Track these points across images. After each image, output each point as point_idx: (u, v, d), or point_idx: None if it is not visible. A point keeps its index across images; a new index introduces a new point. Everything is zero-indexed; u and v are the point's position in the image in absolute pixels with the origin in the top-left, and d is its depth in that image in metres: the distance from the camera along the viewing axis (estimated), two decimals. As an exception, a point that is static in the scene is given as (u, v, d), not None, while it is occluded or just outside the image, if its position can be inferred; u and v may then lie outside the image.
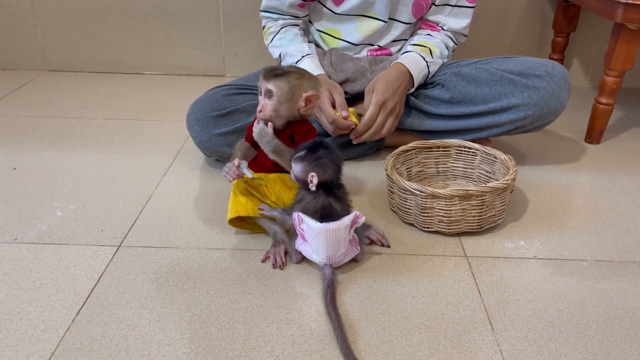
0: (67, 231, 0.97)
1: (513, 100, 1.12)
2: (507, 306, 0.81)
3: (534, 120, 1.13)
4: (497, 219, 0.99)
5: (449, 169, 1.15)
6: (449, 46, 1.26)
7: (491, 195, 0.93)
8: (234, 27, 1.77)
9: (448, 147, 1.13)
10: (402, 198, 0.98)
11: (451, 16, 1.23)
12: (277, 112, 0.91)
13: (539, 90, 1.11)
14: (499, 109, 1.13)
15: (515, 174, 0.97)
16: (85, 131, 1.39)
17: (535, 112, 1.11)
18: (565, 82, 1.13)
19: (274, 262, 0.89)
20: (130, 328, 0.75)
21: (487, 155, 1.08)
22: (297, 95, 0.90)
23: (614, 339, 0.75)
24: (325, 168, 0.85)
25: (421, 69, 1.18)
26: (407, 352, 0.72)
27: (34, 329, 0.75)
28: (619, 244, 0.97)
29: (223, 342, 0.73)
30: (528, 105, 1.11)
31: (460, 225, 0.96)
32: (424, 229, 0.98)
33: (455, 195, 0.92)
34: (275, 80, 0.89)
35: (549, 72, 1.12)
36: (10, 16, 1.78)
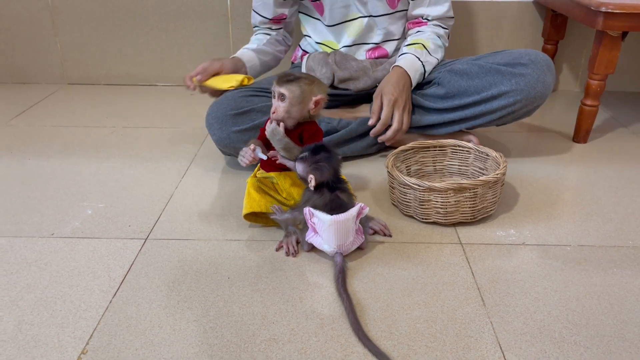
0: (98, 227, 1.07)
1: (502, 88, 1.22)
2: (497, 285, 0.90)
3: (523, 105, 1.22)
4: (489, 210, 1.08)
5: (445, 167, 1.24)
6: (441, 34, 1.36)
7: (483, 188, 1.03)
8: (243, 40, 1.88)
9: (444, 146, 1.22)
10: (402, 192, 1.08)
11: (431, 5, 1.34)
12: (288, 113, 1.01)
13: (524, 77, 1.21)
14: (490, 97, 1.23)
15: (505, 168, 1.06)
16: (107, 139, 1.50)
17: (523, 96, 1.21)
18: (549, 67, 1.23)
19: (287, 250, 0.99)
20: (161, 307, 0.85)
21: (480, 153, 1.18)
22: (307, 99, 1.00)
23: (593, 311, 0.84)
24: (323, 171, 0.94)
25: (417, 68, 1.29)
26: (408, 324, 0.81)
27: (76, 309, 0.84)
28: (600, 231, 1.06)
29: (244, 317, 0.83)
30: (516, 91, 1.21)
31: (455, 216, 1.05)
32: (423, 220, 1.08)
33: (449, 188, 1.01)
34: (287, 85, 0.99)
35: (533, 59, 1.22)
36: (31, 32, 1.89)
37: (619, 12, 1.26)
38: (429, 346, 0.77)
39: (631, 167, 1.33)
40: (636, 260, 0.97)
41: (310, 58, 1.38)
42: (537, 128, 1.58)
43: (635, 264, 0.96)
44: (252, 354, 0.76)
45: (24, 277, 0.92)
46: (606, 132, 1.54)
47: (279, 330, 0.80)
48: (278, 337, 0.79)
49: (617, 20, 1.27)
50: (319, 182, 0.94)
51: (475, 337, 0.79)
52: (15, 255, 0.97)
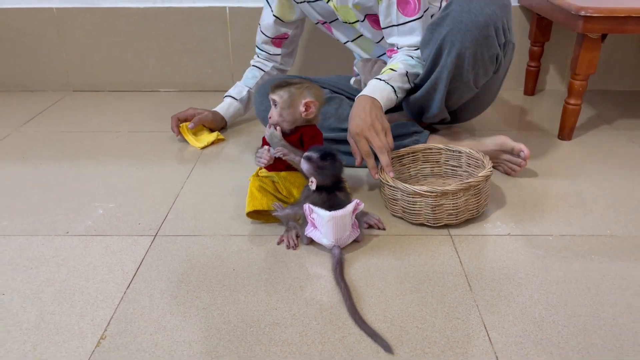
0: (110, 225, 1.14)
1: (440, 36, 1.16)
2: (483, 272, 0.97)
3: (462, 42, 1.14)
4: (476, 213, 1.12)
5: (419, 171, 1.28)
6: (414, 55, 1.28)
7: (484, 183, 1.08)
8: (240, 47, 1.95)
9: (416, 151, 1.25)
10: (410, 202, 1.10)
11: (402, 35, 1.28)
12: (281, 117, 1.08)
13: (449, 15, 1.15)
14: (438, 52, 1.18)
15: (490, 171, 1.10)
16: (113, 143, 1.57)
17: (456, 33, 1.14)
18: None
19: (288, 244, 1.05)
20: (171, 297, 0.91)
21: (453, 153, 1.23)
22: (297, 102, 1.07)
23: (571, 294, 0.91)
24: (325, 177, 1.01)
25: (381, 88, 1.21)
26: (400, 308, 0.88)
27: (94, 300, 0.91)
28: (581, 222, 1.13)
29: (249, 304, 0.89)
30: (449, 33, 1.15)
31: (465, 214, 1.10)
32: (433, 225, 1.11)
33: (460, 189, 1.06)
34: (277, 91, 1.07)
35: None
36: (37, 42, 1.96)
37: (598, 15, 1.33)
38: (419, 327, 0.84)
39: (613, 162, 1.40)
40: (613, 248, 1.04)
41: (358, 64, 1.45)
42: (524, 126, 1.66)
43: (613, 251, 1.03)
44: (257, 337, 0.82)
45: (43, 272, 0.98)
46: (590, 130, 1.62)
47: (281, 316, 0.87)
48: (281, 321, 0.86)
49: (596, 23, 1.35)
50: (318, 185, 1.02)
51: (462, 319, 0.86)
52: (33, 252, 1.04)
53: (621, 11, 1.33)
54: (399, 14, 1.25)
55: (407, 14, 1.24)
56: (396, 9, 1.24)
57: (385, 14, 1.26)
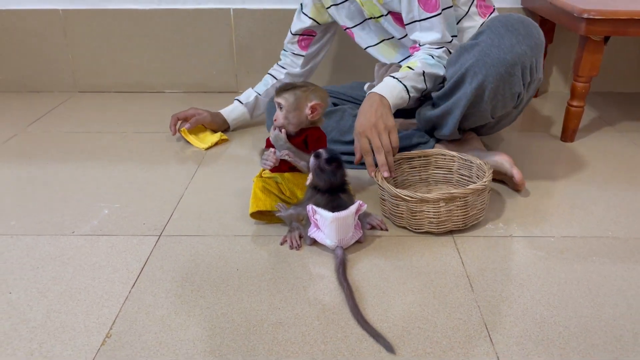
0: (115, 225, 1.15)
1: (465, 64, 1.15)
2: (485, 273, 0.98)
3: (485, 76, 1.13)
4: (479, 217, 1.11)
5: (430, 175, 1.27)
6: (436, 54, 1.27)
7: (472, 196, 1.06)
8: (244, 48, 1.97)
9: (428, 156, 1.25)
10: (393, 204, 1.12)
11: (424, 30, 1.27)
12: (287, 119, 1.09)
13: (479, 45, 1.14)
14: (461, 78, 1.17)
15: (490, 177, 1.09)
16: (119, 143, 1.58)
17: (481, 66, 1.13)
18: (508, 28, 1.11)
19: (291, 244, 1.06)
20: (176, 296, 0.93)
21: (465, 162, 1.21)
22: (302, 105, 1.08)
23: (572, 295, 0.92)
24: (320, 180, 1.03)
25: (393, 86, 1.21)
26: (402, 308, 0.89)
27: (99, 298, 0.92)
28: (582, 223, 1.14)
29: (252, 304, 0.90)
30: (474, 63, 1.13)
31: (447, 225, 1.09)
32: (415, 230, 1.11)
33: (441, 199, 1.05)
34: (283, 94, 1.08)
35: (489, 25, 1.14)
36: (44, 43, 1.98)
37: (600, 18, 1.34)
38: (421, 327, 0.85)
39: (615, 164, 1.40)
40: (614, 249, 1.04)
41: (375, 67, 1.45)
42: (527, 128, 1.66)
43: (614, 253, 1.03)
44: (260, 336, 0.83)
45: (49, 271, 1.00)
46: (593, 131, 1.62)
47: (284, 315, 0.88)
48: (283, 321, 0.87)
49: (598, 25, 1.35)
50: (312, 185, 1.03)
51: (464, 319, 0.87)
52: (40, 251, 1.06)
53: (624, 14, 1.34)
54: (420, 9, 1.25)
55: (428, 9, 1.24)
56: (417, 4, 1.24)
57: (407, 9, 1.26)
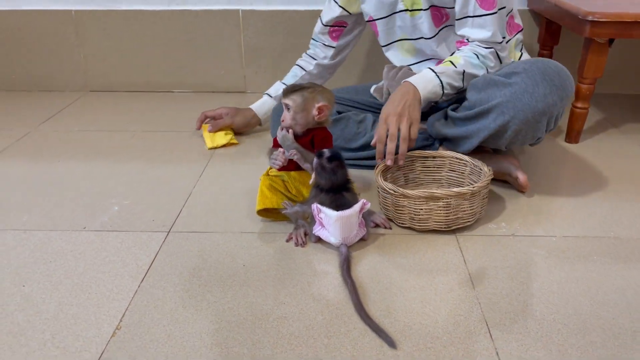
0: (125, 221, 1.18)
1: (493, 101, 1.15)
2: (486, 271, 1.00)
3: (511, 117, 1.13)
4: (465, 222, 1.11)
5: (443, 177, 1.28)
6: (482, 54, 1.25)
7: (457, 199, 1.07)
8: (253, 49, 1.99)
9: (443, 157, 1.26)
10: (382, 196, 1.15)
11: (475, 27, 1.25)
12: (294, 120, 1.11)
13: (512, 87, 1.13)
14: (485, 111, 1.17)
15: (486, 182, 1.11)
16: (129, 142, 1.61)
17: (509, 108, 1.12)
18: (545, 77, 1.11)
19: (296, 241, 1.09)
20: (184, 291, 0.95)
21: (475, 167, 1.21)
22: (310, 106, 1.10)
23: (572, 293, 0.93)
24: (321, 178, 1.05)
25: (429, 80, 1.21)
26: (404, 305, 0.91)
27: (109, 292, 0.95)
28: (585, 224, 1.15)
29: (258, 299, 0.93)
30: (504, 103, 1.13)
31: (429, 223, 1.10)
32: (399, 225, 1.14)
33: (421, 197, 1.07)
34: (290, 95, 1.10)
35: (527, 68, 1.13)
36: (56, 44, 2.01)
37: (605, 20, 1.35)
38: (422, 323, 0.87)
39: (619, 165, 1.42)
40: (616, 249, 1.06)
41: (385, 69, 1.44)
42: (532, 129, 1.67)
43: (615, 253, 1.05)
44: (265, 330, 0.86)
45: (61, 265, 1.02)
46: (597, 133, 1.63)
47: (289, 310, 0.90)
48: (288, 315, 0.89)
49: (603, 28, 1.37)
50: (315, 184, 1.06)
51: (465, 316, 0.88)
52: (52, 246, 1.08)
53: (628, 16, 1.35)
54: (476, 6, 1.24)
55: (484, 6, 1.23)
56: (475, 0, 1.24)
57: (462, 3, 1.25)
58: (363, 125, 1.37)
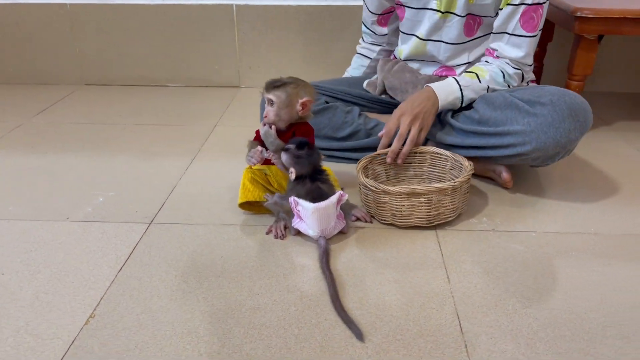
0: (108, 212, 1.18)
1: (515, 126, 1.13)
2: (463, 265, 1.00)
3: (533, 148, 1.12)
4: (447, 217, 1.11)
5: (425, 172, 1.28)
6: (508, 72, 1.25)
7: (438, 195, 1.07)
8: (247, 44, 2.00)
9: (424, 153, 1.26)
10: (364, 194, 1.17)
11: (509, 45, 1.23)
12: (278, 116, 1.11)
13: (537, 118, 1.11)
14: (504, 132, 1.15)
15: (467, 177, 1.11)
16: (119, 135, 1.62)
17: (532, 139, 1.12)
18: (571, 112, 1.10)
19: (276, 234, 1.09)
20: (160, 281, 0.96)
21: (455, 162, 1.21)
22: (294, 102, 1.10)
23: (547, 288, 0.93)
24: (302, 166, 1.05)
25: (452, 92, 1.23)
26: (377, 297, 0.91)
27: (86, 281, 0.96)
28: (567, 219, 1.15)
29: (233, 290, 0.93)
30: (526, 132, 1.12)
31: (411, 219, 1.10)
32: (381, 222, 1.14)
33: (403, 193, 1.07)
34: (274, 91, 1.09)
35: (554, 100, 1.10)
36: (52, 38, 2.03)
37: (594, 16, 1.34)
38: (394, 315, 0.87)
39: (607, 162, 1.41)
40: (595, 245, 1.05)
41: (380, 62, 1.45)
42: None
43: (593, 248, 1.04)
44: (238, 320, 0.86)
45: (41, 254, 1.03)
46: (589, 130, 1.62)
47: (262, 301, 0.91)
48: (261, 306, 0.89)
49: (591, 24, 1.36)
50: (298, 175, 1.05)
51: (437, 309, 0.88)
52: (34, 236, 1.09)
53: (617, 12, 1.34)
54: (517, 25, 1.21)
55: (526, 28, 1.21)
56: (518, 19, 1.20)
57: (503, 19, 1.22)
58: (350, 116, 1.37)
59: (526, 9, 1.19)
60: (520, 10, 1.20)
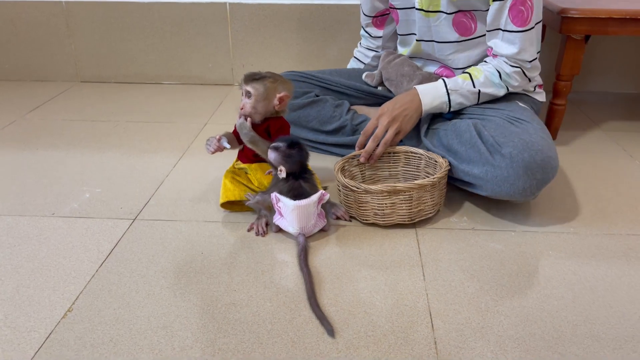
0: (94, 208, 1.20)
1: (474, 170, 1.12)
2: (439, 263, 1.01)
3: (488, 193, 1.12)
4: (428, 213, 1.12)
5: (399, 172, 1.28)
6: (505, 71, 1.22)
7: (418, 191, 1.08)
8: (240, 42, 2.01)
9: (397, 152, 1.26)
10: (344, 194, 1.18)
11: (504, 41, 1.20)
12: (255, 109, 1.12)
13: (494, 169, 1.09)
14: (464, 171, 1.14)
15: (444, 172, 1.12)
16: (111, 132, 1.64)
17: (488, 188, 1.11)
18: (527, 171, 1.06)
19: (257, 231, 1.10)
20: (140, 276, 0.97)
21: (429, 160, 1.21)
22: (272, 96, 1.11)
23: (521, 286, 0.94)
24: (292, 164, 1.06)
25: (438, 95, 1.21)
26: (352, 294, 0.92)
27: (67, 276, 0.97)
28: (547, 219, 1.15)
29: (211, 286, 0.95)
30: (483, 179, 1.11)
31: (393, 218, 1.11)
32: (363, 222, 1.15)
33: (384, 191, 1.07)
34: (253, 83, 1.10)
35: (513, 155, 1.06)
36: (47, 34, 2.05)
37: (579, 16, 1.35)
38: (367, 312, 0.88)
39: (593, 162, 1.41)
40: (573, 245, 1.06)
41: (383, 53, 1.44)
42: (512, 125, 1.67)
43: (570, 248, 1.05)
44: (213, 315, 0.88)
45: (25, 249, 1.05)
46: (577, 130, 1.63)
47: (238, 297, 0.92)
48: (237, 302, 0.91)
49: (577, 24, 1.36)
50: (288, 172, 1.06)
51: (410, 306, 0.89)
52: (19, 231, 1.11)
53: (603, 12, 1.35)
54: (507, 20, 1.18)
55: (516, 22, 1.17)
56: (507, 14, 1.17)
57: (494, 16, 1.19)
58: (339, 110, 1.38)
59: (514, 3, 1.15)
60: (508, 5, 1.16)
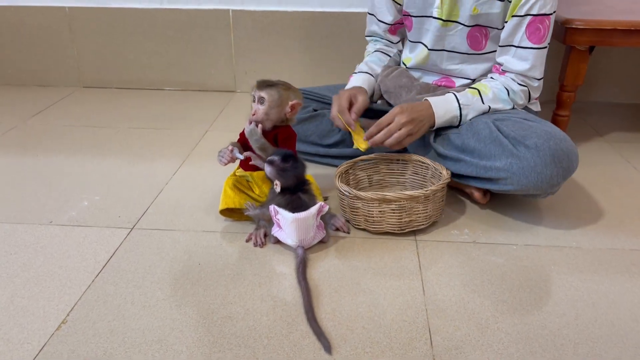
0: (92, 216, 1.19)
1: (497, 164, 1.10)
2: (440, 278, 0.99)
3: (514, 188, 1.10)
4: (419, 225, 1.11)
5: (407, 180, 1.28)
6: (513, 89, 1.22)
7: (409, 202, 1.07)
8: (243, 49, 2.00)
9: (407, 160, 1.26)
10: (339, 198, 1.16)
11: (516, 58, 1.20)
12: (267, 115, 1.11)
13: (520, 161, 1.08)
14: (486, 167, 1.13)
15: (441, 185, 1.10)
16: (112, 138, 1.63)
17: (514, 181, 1.09)
18: (554, 159, 1.06)
19: (255, 241, 1.09)
20: (135, 287, 0.96)
21: (436, 171, 1.20)
22: (285, 103, 1.11)
23: (522, 302, 0.93)
24: (287, 179, 1.05)
25: (450, 109, 1.19)
26: (350, 308, 0.91)
27: (62, 286, 0.96)
28: (549, 233, 1.13)
29: (207, 298, 0.93)
30: (508, 172, 1.09)
31: (382, 225, 1.10)
32: (354, 226, 1.15)
33: (375, 199, 1.07)
34: (267, 89, 1.09)
35: (539, 145, 1.07)
36: (50, 40, 2.05)
37: (584, 27, 1.33)
38: (365, 327, 0.87)
39: (596, 174, 1.40)
40: (575, 260, 1.04)
41: (383, 67, 1.42)
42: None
43: (573, 263, 1.03)
44: (209, 328, 0.86)
45: (21, 258, 1.04)
46: (580, 141, 1.61)
47: (235, 310, 0.91)
48: (233, 315, 0.89)
49: (582, 35, 1.35)
50: (283, 187, 1.05)
51: (409, 321, 0.88)
52: (16, 239, 1.10)
53: (608, 24, 1.33)
54: (524, 37, 1.18)
55: (533, 39, 1.17)
56: (524, 31, 1.17)
57: (509, 31, 1.19)
58: None
59: (532, 20, 1.16)
60: (526, 22, 1.16)
